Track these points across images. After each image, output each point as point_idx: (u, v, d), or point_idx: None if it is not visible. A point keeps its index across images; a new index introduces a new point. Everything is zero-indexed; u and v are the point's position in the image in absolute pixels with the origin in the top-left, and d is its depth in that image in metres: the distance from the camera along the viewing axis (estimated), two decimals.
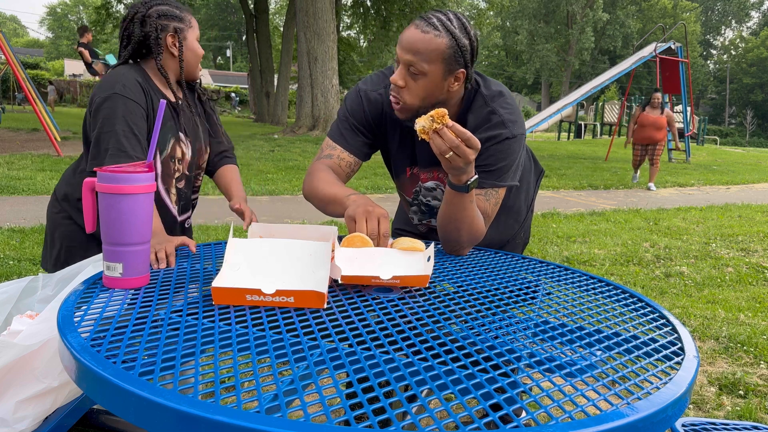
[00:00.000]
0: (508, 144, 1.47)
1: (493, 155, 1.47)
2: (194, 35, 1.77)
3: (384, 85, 1.59)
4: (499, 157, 1.47)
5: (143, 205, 1.09)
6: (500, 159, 1.47)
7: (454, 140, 1.22)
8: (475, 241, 1.48)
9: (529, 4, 48.31)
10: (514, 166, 1.50)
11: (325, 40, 14.12)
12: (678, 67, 14.09)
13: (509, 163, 1.49)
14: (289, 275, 1.12)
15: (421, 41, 1.36)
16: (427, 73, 1.38)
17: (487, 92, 1.51)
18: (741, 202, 8.46)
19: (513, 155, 1.48)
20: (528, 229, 1.89)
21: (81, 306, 1.00)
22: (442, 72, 1.39)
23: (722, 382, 2.53)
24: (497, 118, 1.48)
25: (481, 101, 1.50)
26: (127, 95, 1.60)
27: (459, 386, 0.77)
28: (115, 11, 20.83)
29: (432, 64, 1.37)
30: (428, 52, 1.36)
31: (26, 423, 1.19)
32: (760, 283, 4.19)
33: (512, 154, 1.48)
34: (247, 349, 0.84)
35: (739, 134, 47.58)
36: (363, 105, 1.59)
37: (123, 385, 0.70)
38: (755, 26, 62.04)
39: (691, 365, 0.88)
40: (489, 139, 1.47)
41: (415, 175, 1.67)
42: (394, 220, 1.92)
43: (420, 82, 1.39)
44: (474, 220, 1.42)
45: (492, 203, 1.50)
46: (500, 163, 1.47)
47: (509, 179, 1.51)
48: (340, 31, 23.69)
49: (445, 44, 1.36)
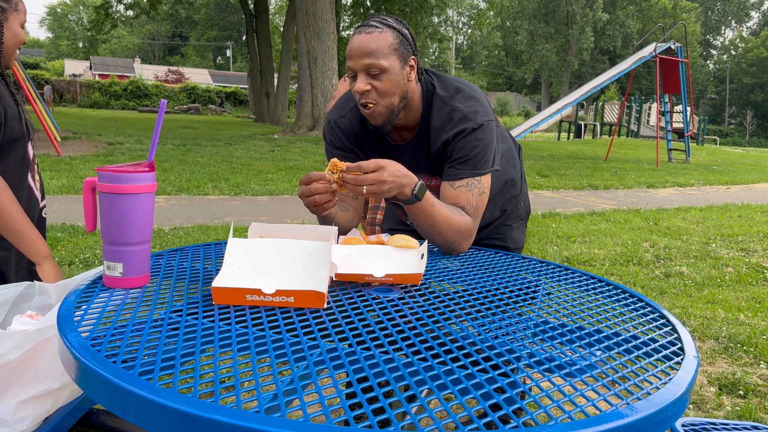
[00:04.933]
0: (475, 134, 1.51)
1: (464, 146, 1.51)
2: (18, 20, 1.65)
3: (349, 107, 1.64)
4: (470, 147, 1.51)
5: (144, 204, 1.09)
6: (472, 149, 1.51)
7: (358, 178, 1.28)
8: (465, 235, 1.49)
9: (529, 4, 48.31)
10: (489, 152, 1.53)
11: (325, 40, 14.12)
12: (678, 67, 14.09)
13: (482, 151, 1.52)
14: (289, 275, 1.12)
15: (370, 41, 1.43)
16: (388, 68, 1.44)
17: (444, 92, 1.55)
18: (741, 202, 8.46)
19: (484, 142, 1.52)
20: (527, 198, 1.93)
21: (81, 306, 1.00)
22: (399, 62, 1.46)
23: (722, 382, 2.53)
24: (458, 114, 1.51)
25: (439, 102, 1.54)
26: None
27: (458, 386, 0.77)
28: (115, 11, 20.82)
29: (388, 58, 1.44)
30: (380, 48, 1.43)
31: (26, 423, 1.19)
32: (760, 283, 4.19)
33: (482, 141, 1.51)
34: (246, 349, 0.84)
35: (739, 134, 47.58)
36: (338, 134, 1.64)
37: (123, 385, 0.70)
38: (755, 26, 62.04)
39: (691, 365, 0.88)
40: (456, 135, 1.51)
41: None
42: (384, 220, 1.94)
43: (384, 78, 1.45)
44: (448, 220, 1.44)
45: (475, 194, 1.52)
46: (472, 152, 1.51)
47: (488, 166, 1.54)
48: (340, 31, 23.67)
49: (392, 36, 1.45)
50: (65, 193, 6.33)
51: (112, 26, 20.76)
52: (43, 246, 1.58)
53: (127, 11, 21.98)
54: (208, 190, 7.03)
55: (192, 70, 50.02)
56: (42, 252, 1.57)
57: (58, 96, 29.75)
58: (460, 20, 59.40)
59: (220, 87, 37.40)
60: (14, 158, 1.65)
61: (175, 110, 28.84)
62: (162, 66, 49.83)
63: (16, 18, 1.65)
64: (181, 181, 7.45)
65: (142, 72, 44.50)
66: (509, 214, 1.86)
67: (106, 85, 32.17)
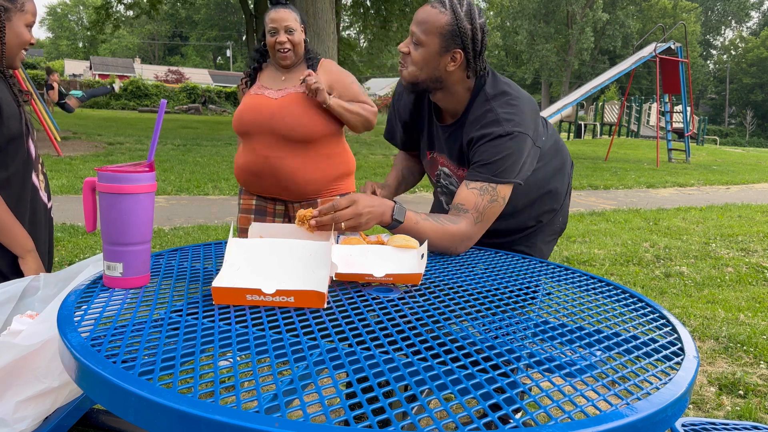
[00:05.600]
0: (501, 141, 1.49)
1: (487, 151, 1.50)
2: (24, 20, 1.65)
3: None
4: (493, 152, 1.50)
5: (144, 204, 1.09)
6: (494, 154, 1.49)
7: (335, 216, 1.32)
8: (459, 241, 1.48)
9: (529, 4, 48.29)
10: (512, 162, 1.50)
11: (325, 40, 14.12)
12: (678, 67, 14.09)
13: (505, 159, 1.49)
14: (289, 275, 1.12)
15: (425, 14, 1.48)
16: (424, 44, 1.49)
17: (491, 90, 1.56)
18: (741, 202, 8.46)
19: (508, 151, 1.49)
20: (566, 215, 1.91)
21: (81, 306, 1.00)
22: (437, 46, 1.49)
23: (722, 382, 2.53)
24: (492, 116, 1.52)
25: (482, 98, 1.56)
26: None
27: (458, 386, 0.77)
28: (115, 11, 20.81)
29: (429, 36, 1.48)
30: (428, 24, 1.48)
31: (26, 423, 1.19)
32: (760, 283, 4.19)
33: (507, 150, 1.49)
34: (246, 349, 0.84)
35: (739, 134, 47.58)
36: (403, 94, 1.77)
37: (123, 385, 0.70)
38: (755, 26, 62.04)
39: (690, 365, 0.88)
40: (482, 136, 1.51)
41: (434, 159, 1.76)
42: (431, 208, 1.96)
43: (419, 51, 1.51)
44: (438, 231, 1.45)
45: (486, 199, 1.50)
46: (494, 158, 1.49)
47: (508, 176, 1.50)
48: (340, 31, 23.68)
49: (446, 21, 1.47)
50: (65, 193, 6.33)
51: (114, 27, 20.73)
52: (27, 240, 1.63)
53: (127, 11, 21.97)
54: (208, 190, 7.03)
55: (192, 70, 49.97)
56: (26, 246, 1.62)
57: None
58: None
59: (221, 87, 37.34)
60: (16, 158, 1.65)
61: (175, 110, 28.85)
62: (162, 66, 49.80)
63: (21, 18, 1.64)
64: (181, 181, 7.45)
65: (142, 72, 44.48)
66: (544, 225, 1.83)
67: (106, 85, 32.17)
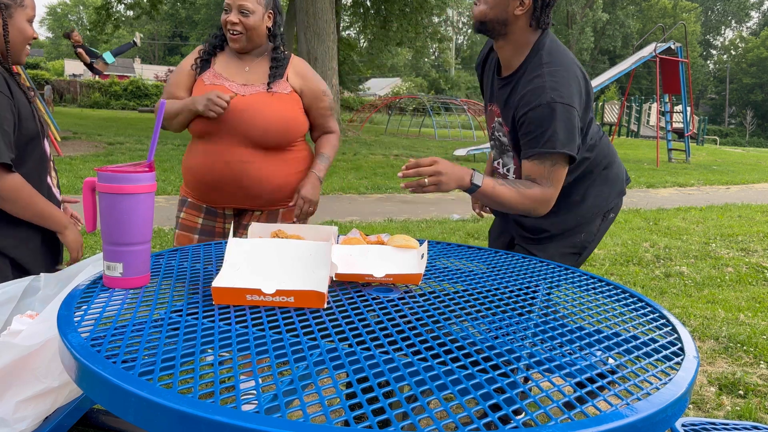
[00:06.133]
0: (541, 111, 1.55)
1: (532, 122, 1.58)
2: (25, 15, 1.66)
3: None
4: (537, 123, 1.57)
5: (144, 204, 1.09)
6: (538, 126, 1.57)
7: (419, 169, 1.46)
8: (538, 203, 1.59)
9: None
10: (559, 132, 1.55)
11: (325, 40, 14.13)
12: (678, 67, 14.09)
13: (550, 129, 1.55)
14: (289, 275, 1.12)
15: None
16: None
17: (547, 57, 1.61)
18: (741, 202, 8.46)
19: (553, 122, 1.55)
20: (591, 238, 1.86)
21: (81, 306, 1.00)
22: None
23: (722, 382, 2.53)
24: (540, 81, 1.58)
25: (538, 61, 1.61)
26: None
27: (458, 386, 0.77)
28: (115, 11, 20.80)
29: None
30: None
31: (26, 423, 1.19)
32: (760, 283, 4.19)
33: (551, 120, 1.55)
34: (247, 349, 0.84)
35: (739, 134, 47.57)
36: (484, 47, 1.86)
37: (123, 385, 0.70)
38: (755, 26, 62.03)
39: (690, 365, 0.88)
40: (528, 103, 1.58)
41: (492, 111, 1.80)
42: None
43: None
44: (515, 195, 1.57)
45: (547, 165, 1.58)
46: (539, 129, 1.56)
47: (554, 146, 1.55)
48: (340, 31, 23.68)
49: None
50: (65, 193, 6.34)
51: (114, 28, 20.71)
52: (62, 216, 1.71)
53: (127, 11, 21.98)
54: None
55: None
56: (62, 221, 1.70)
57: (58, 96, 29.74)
58: (460, 20, 59.42)
59: None
60: (34, 157, 1.68)
61: None
62: (162, 66, 49.79)
63: (22, 14, 1.65)
64: (181, 181, 7.44)
65: (142, 72, 44.48)
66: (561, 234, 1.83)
67: (106, 85, 32.16)
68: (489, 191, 1.55)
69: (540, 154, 1.57)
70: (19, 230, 1.65)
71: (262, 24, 1.96)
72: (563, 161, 1.59)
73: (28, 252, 1.67)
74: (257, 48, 2.02)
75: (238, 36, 1.95)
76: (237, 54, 2.02)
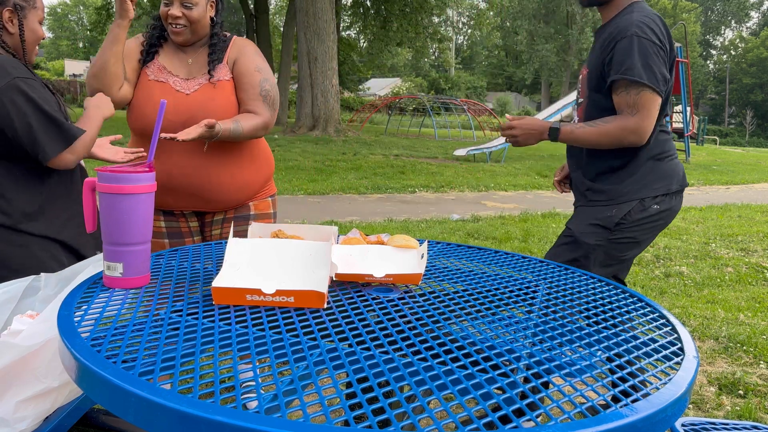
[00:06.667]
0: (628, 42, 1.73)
1: (617, 52, 1.75)
2: (36, 17, 1.71)
3: None
4: (621, 53, 1.74)
5: (143, 205, 1.09)
6: (622, 55, 1.74)
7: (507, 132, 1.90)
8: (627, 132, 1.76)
9: (529, 5, 48.29)
10: (638, 62, 1.71)
11: (325, 40, 14.12)
12: (678, 67, 14.10)
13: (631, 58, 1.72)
14: (289, 275, 1.12)
15: None
16: None
17: (637, 7, 1.81)
18: (741, 202, 8.46)
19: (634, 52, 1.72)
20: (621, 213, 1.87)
21: (81, 306, 1.00)
22: None
23: (722, 382, 2.53)
24: (628, 19, 1.77)
25: (629, 9, 1.82)
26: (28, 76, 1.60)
27: (458, 386, 0.77)
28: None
29: None
30: None
31: (26, 423, 1.19)
32: (760, 283, 4.19)
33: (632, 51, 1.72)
34: (247, 349, 0.84)
35: (739, 134, 47.56)
36: None
37: (123, 385, 0.70)
38: (755, 26, 62.03)
39: (690, 365, 0.88)
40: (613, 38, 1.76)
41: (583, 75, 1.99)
42: None
43: None
44: (594, 133, 1.79)
45: (633, 93, 1.74)
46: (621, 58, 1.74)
47: (638, 74, 1.71)
48: (340, 31, 23.68)
49: None
50: None
51: None
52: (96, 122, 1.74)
53: None
54: None
55: None
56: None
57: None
58: (460, 20, 59.40)
59: None
60: None
61: None
62: None
63: (35, 15, 1.70)
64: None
65: None
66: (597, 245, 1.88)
67: None
68: (568, 136, 1.82)
69: (624, 84, 1.74)
70: (64, 212, 1.71)
71: (206, 15, 1.89)
72: (648, 91, 1.73)
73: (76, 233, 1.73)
74: (201, 39, 1.94)
75: (181, 29, 1.86)
76: (179, 45, 1.94)
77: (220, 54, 1.91)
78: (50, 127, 1.58)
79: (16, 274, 1.49)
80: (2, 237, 1.60)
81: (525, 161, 12.88)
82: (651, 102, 1.74)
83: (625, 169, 1.87)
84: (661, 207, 1.87)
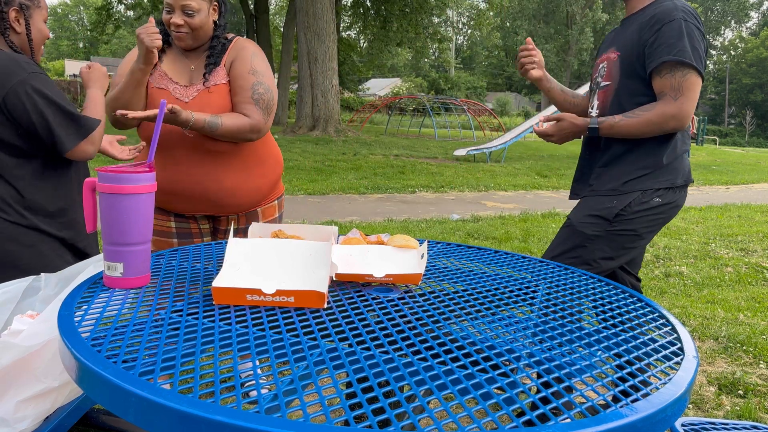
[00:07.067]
0: (673, 26, 1.74)
1: (664, 34, 1.76)
2: (41, 16, 1.74)
3: None
4: (670, 35, 1.75)
5: (144, 205, 1.09)
6: (668, 37, 1.75)
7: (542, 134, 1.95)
8: (667, 119, 1.76)
9: (528, 5, 48.30)
10: (688, 46, 1.74)
11: (325, 41, 14.13)
12: None
13: (682, 41, 1.74)
14: (289, 275, 1.12)
15: None
16: None
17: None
18: (740, 202, 8.46)
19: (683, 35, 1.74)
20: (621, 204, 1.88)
21: (81, 306, 1.00)
22: None
23: (721, 382, 2.54)
24: (671, 4, 1.78)
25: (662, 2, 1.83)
26: (41, 72, 1.63)
27: (458, 386, 0.77)
28: (116, 12, 20.80)
29: None
30: None
31: (27, 423, 1.19)
32: (760, 283, 4.20)
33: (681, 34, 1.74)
34: (247, 349, 0.84)
35: (739, 134, 47.55)
36: None
37: (123, 385, 0.70)
38: (755, 26, 62.05)
39: (690, 365, 0.88)
40: (656, 22, 1.78)
41: (602, 59, 2.01)
42: None
43: None
44: (635, 124, 1.79)
45: (678, 77, 1.75)
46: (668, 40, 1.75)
47: (684, 55, 1.73)
48: (340, 31, 23.68)
49: None
50: None
51: (115, 28, 20.74)
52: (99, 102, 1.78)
53: (128, 12, 21.98)
54: None
55: None
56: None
57: None
58: (460, 20, 59.44)
59: None
60: None
61: None
62: None
63: (40, 14, 1.73)
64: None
65: None
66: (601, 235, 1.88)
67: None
68: (608, 130, 1.83)
69: (670, 65, 1.74)
70: (67, 213, 1.74)
71: (209, 20, 1.88)
72: (694, 75, 1.75)
73: (80, 233, 1.76)
74: (204, 44, 1.94)
75: (184, 35, 1.87)
76: (183, 51, 1.94)
77: (218, 58, 1.91)
78: (66, 120, 1.63)
79: (25, 274, 1.50)
80: (13, 236, 1.61)
81: (525, 161, 12.88)
82: (695, 86, 1.76)
83: (629, 152, 1.88)
84: (663, 200, 1.88)
